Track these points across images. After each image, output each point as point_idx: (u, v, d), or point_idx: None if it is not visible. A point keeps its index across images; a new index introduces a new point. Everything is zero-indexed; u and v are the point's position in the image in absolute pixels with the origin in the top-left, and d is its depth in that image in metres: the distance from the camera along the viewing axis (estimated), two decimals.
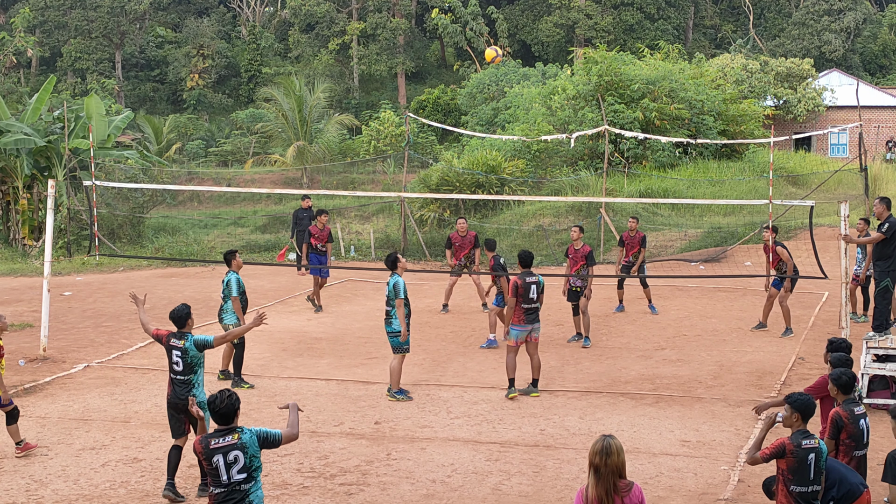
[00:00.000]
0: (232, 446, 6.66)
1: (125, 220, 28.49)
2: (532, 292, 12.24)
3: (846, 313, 12.53)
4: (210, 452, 6.66)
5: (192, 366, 9.19)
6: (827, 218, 24.92)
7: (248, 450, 6.69)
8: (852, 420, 7.51)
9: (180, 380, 9.23)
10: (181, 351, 9.20)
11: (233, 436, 6.69)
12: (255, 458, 6.71)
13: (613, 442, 6.13)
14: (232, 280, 12.97)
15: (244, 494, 6.69)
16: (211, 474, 6.69)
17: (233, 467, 6.63)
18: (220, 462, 6.64)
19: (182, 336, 9.31)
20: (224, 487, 6.67)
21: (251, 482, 6.70)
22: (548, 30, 58.40)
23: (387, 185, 36.42)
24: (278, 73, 56.49)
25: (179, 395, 9.21)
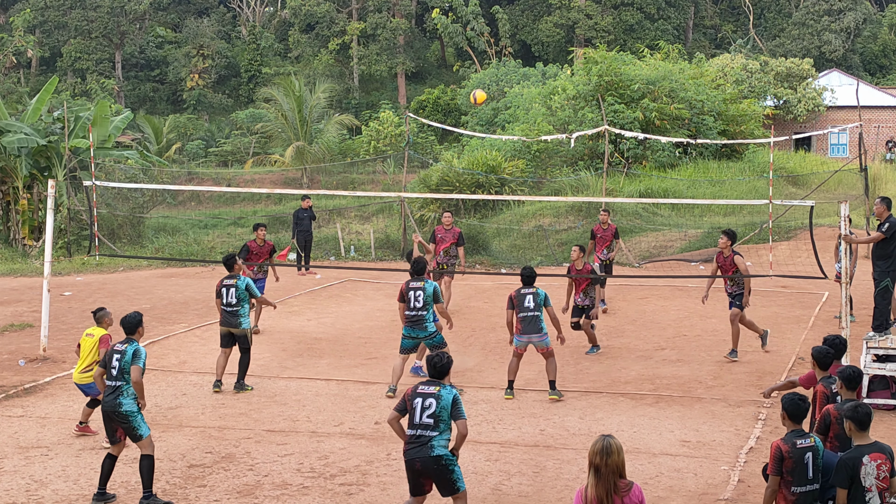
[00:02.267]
0: (431, 394, 7.83)
1: (125, 220, 28.49)
2: (528, 301, 12.18)
3: (846, 313, 12.52)
4: (414, 395, 7.90)
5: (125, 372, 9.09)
6: (827, 218, 24.91)
7: (442, 401, 7.81)
8: (840, 420, 7.49)
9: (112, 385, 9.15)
10: (120, 354, 9.13)
11: (435, 387, 7.87)
12: (445, 412, 7.78)
13: (613, 442, 6.13)
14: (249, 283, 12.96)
15: (429, 440, 7.79)
16: (410, 414, 7.88)
17: (425, 412, 7.78)
18: (417, 404, 7.83)
19: (127, 341, 9.24)
20: (413, 429, 7.83)
21: (436, 431, 7.77)
22: (548, 30, 58.41)
23: (387, 185, 36.43)
24: (278, 73, 56.51)
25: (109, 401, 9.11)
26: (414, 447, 7.83)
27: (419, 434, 7.81)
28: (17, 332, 16.73)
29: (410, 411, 7.89)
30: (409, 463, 7.89)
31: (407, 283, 12.52)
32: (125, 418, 8.98)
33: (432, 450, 7.78)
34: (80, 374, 10.78)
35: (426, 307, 12.26)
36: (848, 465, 6.74)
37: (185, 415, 11.85)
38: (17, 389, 13.00)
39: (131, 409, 8.99)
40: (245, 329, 12.88)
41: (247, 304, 12.80)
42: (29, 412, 12.06)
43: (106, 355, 9.20)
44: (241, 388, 12.82)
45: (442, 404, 7.80)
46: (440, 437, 7.81)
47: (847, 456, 6.80)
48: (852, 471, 6.73)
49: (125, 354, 9.06)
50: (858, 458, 6.76)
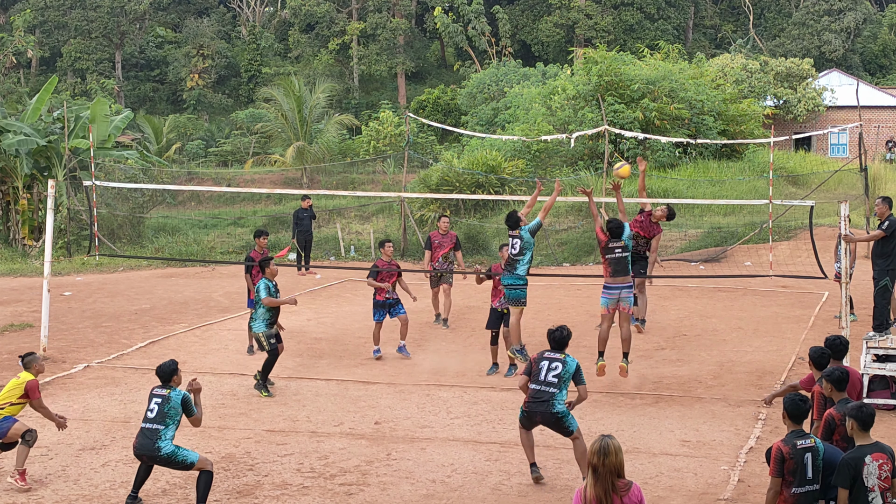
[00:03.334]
0: (558, 359, 9.29)
1: (125, 220, 28.49)
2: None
3: (846, 313, 12.52)
4: (541, 358, 9.32)
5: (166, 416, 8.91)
6: (827, 218, 24.90)
7: (567, 366, 9.24)
8: (844, 421, 7.48)
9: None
10: (162, 399, 8.94)
11: (561, 354, 9.32)
12: (567, 375, 9.22)
13: (612, 442, 6.13)
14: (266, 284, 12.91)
15: (550, 396, 9.14)
16: (535, 373, 9.25)
17: (551, 372, 9.21)
18: (544, 366, 9.25)
19: (168, 387, 9.07)
20: (538, 384, 9.21)
21: (557, 389, 9.16)
22: (548, 30, 58.38)
23: (387, 185, 36.41)
24: (278, 73, 56.49)
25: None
26: (536, 402, 9.20)
27: (541, 390, 9.18)
28: (17, 332, 16.74)
29: (536, 371, 9.26)
30: (531, 414, 9.27)
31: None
32: (168, 460, 8.81)
33: (553, 407, 9.15)
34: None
35: (522, 252, 12.63)
36: (850, 465, 6.74)
37: None
38: None
39: (172, 450, 8.82)
40: (256, 333, 12.97)
41: (261, 307, 12.87)
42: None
43: (149, 397, 9.00)
44: (262, 389, 12.78)
45: (567, 368, 9.25)
46: (560, 395, 9.19)
47: (849, 456, 6.80)
48: (855, 471, 6.73)
49: (169, 401, 8.87)
50: (861, 458, 6.76)
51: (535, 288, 17.18)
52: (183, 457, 8.84)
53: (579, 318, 17.02)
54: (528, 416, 9.32)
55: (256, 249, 15.51)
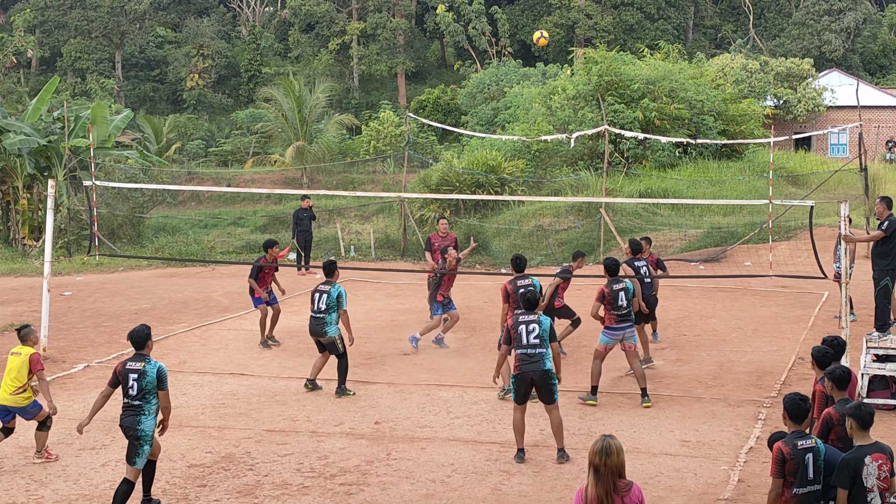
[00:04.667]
0: (533, 321, 9.82)
1: (125, 220, 28.49)
2: (621, 299, 11.96)
3: (846, 313, 12.52)
4: (517, 324, 9.80)
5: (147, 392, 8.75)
6: (827, 218, 24.90)
7: (543, 325, 9.81)
8: (842, 421, 7.48)
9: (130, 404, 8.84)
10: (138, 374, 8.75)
11: (534, 315, 9.89)
12: (546, 334, 9.77)
13: (613, 442, 6.13)
14: (342, 293, 12.65)
15: (540, 356, 9.75)
16: (516, 340, 9.79)
17: (531, 334, 9.74)
18: (522, 330, 9.78)
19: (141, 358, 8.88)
20: (523, 349, 9.75)
21: (543, 348, 9.74)
22: (548, 30, 58.38)
23: (387, 185, 36.40)
24: (278, 73, 56.48)
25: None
26: (527, 363, 9.75)
27: (530, 352, 9.74)
28: None
29: (517, 337, 9.77)
30: (524, 375, 9.76)
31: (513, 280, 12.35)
32: (138, 439, 8.67)
33: (544, 364, 9.74)
34: (12, 395, 10.05)
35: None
36: (850, 465, 6.74)
37: (185, 415, 11.84)
38: None
39: (147, 433, 8.68)
40: (332, 337, 12.60)
41: (335, 312, 12.47)
42: None
43: (118, 374, 8.78)
44: (342, 393, 12.63)
45: (543, 328, 9.78)
46: (547, 353, 9.75)
47: (849, 456, 6.79)
48: (854, 471, 6.72)
49: (146, 375, 8.67)
50: (860, 458, 6.75)
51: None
52: (142, 452, 8.69)
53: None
54: (520, 379, 9.77)
55: (267, 258, 15.39)
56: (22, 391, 10.04)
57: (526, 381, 9.81)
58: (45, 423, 10.14)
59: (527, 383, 9.82)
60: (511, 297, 12.05)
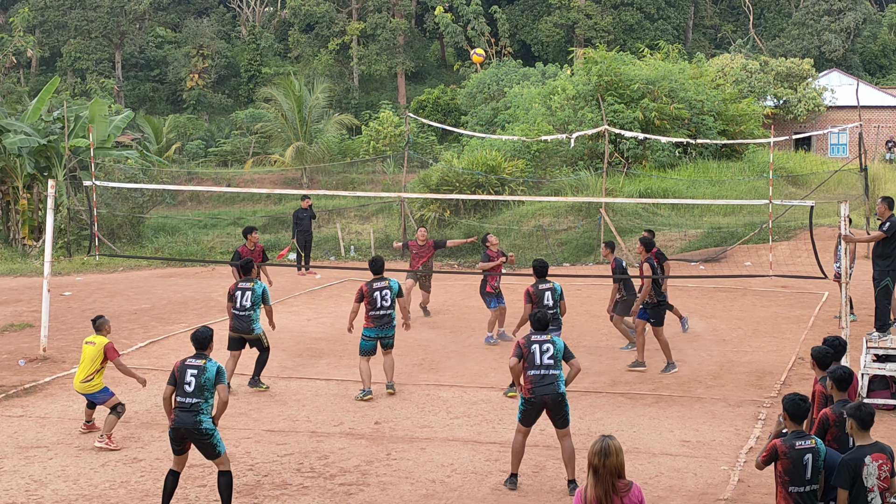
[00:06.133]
0: (546, 341, 9.32)
1: (125, 220, 28.48)
2: (546, 299, 12.20)
3: (846, 313, 12.52)
4: (529, 342, 9.32)
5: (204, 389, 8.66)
6: (827, 218, 24.91)
7: (557, 346, 9.30)
8: (839, 423, 7.49)
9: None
10: (198, 370, 8.66)
11: (547, 335, 9.38)
12: (560, 353, 9.28)
13: (612, 443, 6.13)
14: (265, 289, 12.88)
15: (554, 378, 9.22)
16: (529, 360, 9.25)
17: (545, 354, 9.23)
18: (535, 349, 9.26)
19: (202, 356, 8.80)
20: (537, 370, 9.22)
21: (557, 370, 9.24)
22: (548, 30, 58.38)
23: (386, 185, 36.39)
24: (278, 73, 56.46)
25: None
26: (541, 385, 9.20)
27: (544, 374, 9.22)
28: (16, 332, 16.74)
29: (529, 356, 9.26)
30: (538, 398, 9.21)
31: (370, 283, 12.53)
32: (206, 436, 8.57)
33: (559, 388, 9.23)
34: (82, 383, 10.61)
35: (393, 305, 12.51)
36: (850, 465, 6.74)
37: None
38: (17, 389, 13.01)
39: (211, 427, 8.61)
40: (258, 334, 12.81)
41: (259, 308, 12.74)
42: (29, 412, 12.07)
43: (176, 371, 8.67)
44: (256, 385, 12.92)
45: (557, 348, 9.32)
46: (561, 375, 9.29)
47: (849, 456, 6.79)
48: (854, 471, 6.72)
49: (205, 371, 8.58)
50: (861, 458, 6.75)
51: None
52: (217, 440, 8.68)
53: (579, 318, 17.03)
54: (534, 404, 9.21)
55: (247, 245, 15.43)
56: (90, 379, 10.52)
57: (539, 405, 9.25)
58: (115, 408, 10.55)
59: (539, 407, 9.26)
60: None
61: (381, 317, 12.46)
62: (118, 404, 10.62)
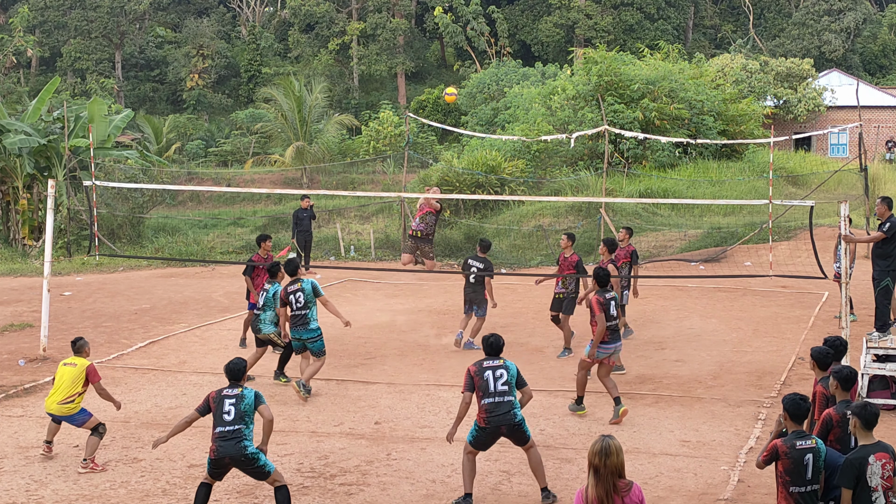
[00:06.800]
0: (499, 366, 8.93)
1: (125, 220, 28.48)
2: (612, 309, 11.47)
3: (846, 313, 12.52)
4: (481, 370, 8.89)
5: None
6: (827, 218, 24.91)
7: (510, 372, 8.93)
8: (842, 423, 7.49)
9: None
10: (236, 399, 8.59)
11: (499, 360, 9.00)
12: (513, 380, 8.90)
13: (613, 442, 6.13)
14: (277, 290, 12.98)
15: (510, 405, 8.83)
16: (482, 388, 8.84)
17: (498, 381, 8.84)
18: (489, 376, 8.85)
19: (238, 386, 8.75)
20: (491, 397, 8.81)
21: (512, 396, 8.85)
22: (548, 30, 58.40)
23: (386, 186, 36.40)
24: (278, 73, 56.48)
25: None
26: (497, 415, 8.80)
27: (499, 401, 8.82)
28: (16, 332, 16.74)
29: (483, 384, 8.86)
30: (494, 428, 8.83)
31: (286, 286, 12.68)
32: (252, 461, 8.44)
33: (515, 416, 8.85)
34: (60, 404, 10.10)
35: (307, 306, 12.47)
36: (854, 465, 6.73)
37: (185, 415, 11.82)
38: (17, 389, 13.02)
39: (255, 450, 8.49)
40: (267, 334, 13.14)
41: (271, 310, 12.98)
42: (29, 412, 12.07)
43: (212, 402, 8.59)
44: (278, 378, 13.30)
45: (511, 373, 8.94)
46: (516, 402, 8.90)
47: (853, 456, 6.79)
48: (859, 471, 6.72)
49: (244, 399, 8.50)
50: (864, 457, 6.75)
51: (535, 287, 17.18)
52: (264, 462, 8.53)
53: (579, 318, 16.99)
54: (489, 432, 8.85)
55: (260, 253, 15.18)
56: (70, 401, 10.10)
57: (495, 434, 8.89)
58: (96, 429, 10.15)
59: (494, 435, 8.91)
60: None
61: (296, 318, 12.58)
62: (99, 424, 10.17)
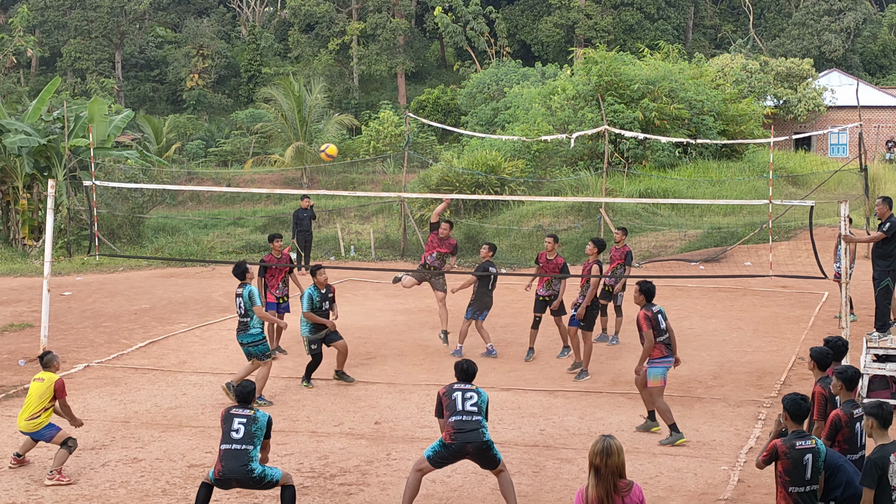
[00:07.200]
0: (470, 390, 8.74)
1: (125, 220, 28.47)
2: (661, 322, 10.78)
3: (846, 313, 12.51)
4: (451, 390, 8.69)
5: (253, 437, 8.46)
6: (827, 218, 24.91)
7: (481, 398, 8.73)
8: (850, 423, 7.49)
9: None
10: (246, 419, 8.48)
11: (472, 386, 8.80)
12: (484, 405, 8.70)
13: (613, 442, 6.14)
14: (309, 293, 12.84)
15: (478, 424, 8.56)
16: (449, 407, 8.60)
17: (467, 401, 8.62)
18: (457, 396, 8.64)
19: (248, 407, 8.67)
20: (459, 415, 8.55)
21: (480, 416, 8.61)
22: (548, 30, 58.41)
23: (387, 185, 36.40)
24: (278, 73, 56.49)
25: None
26: (463, 432, 8.50)
27: (466, 419, 8.55)
28: (16, 332, 16.74)
29: (450, 403, 8.63)
30: (460, 446, 8.51)
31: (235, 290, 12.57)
32: (259, 481, 8.39)
33: (483, 435, 8.55)
34: (27, 421, 9.90)
35: (248, 313, 12.25)
36: (877, 464, 6.69)
37: (185, 415, 11.84)
38: (17, 389, 13.02)
39: (261, 470, 8.41)
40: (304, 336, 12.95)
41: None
42: None
43: (222, 420, 8.50)
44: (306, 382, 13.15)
45: (482, 398, 8.73)
46: (484, 422, 8.64)
47: (875, 456, 6.75)
48: (881, 470, 6.68)
49: (256, 421, 8.43)
50: (886, 456, 6.70)
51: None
52: (270, 476, 8.43)
53: None
54: (455, 451, 8.54)
55: (273, 253, 14.99)
56: (36, 416, 9.89)
57: (461, 453, 8.56)
58: (65, 442, 9.89)
59: (458, 454, 8.58)
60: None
61: (239, 323, 12.37)
62: (69, 438, 9.88)
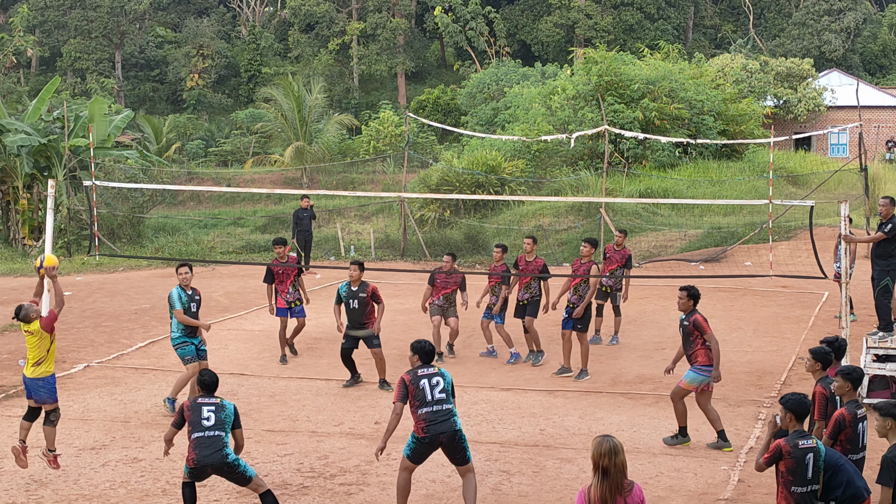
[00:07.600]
0: (434, 374, 8.49)
1: (125, 220, 28.48)
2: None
3: (846, 313, 12.51)
4: (416, 378, 8.43)
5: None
6: (827, 218, 24.92)
7: (446, 379, 8.51)
8: (853, 423, 7.50)
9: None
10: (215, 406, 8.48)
11: (434, 368, 8.54)
12: (450, 387, 8.49)
13: (617, 441, 6.15)
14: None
15: (448, 412, 8.39)
16: (418, 397, 8.36)
17: (435, 388, 8.38)
18: (425, 384, 8.40)
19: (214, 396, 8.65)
20: (429, 406, 8.35)
21: (450, 404, 8.42)
22: (548, 30, 58.42)
23: (387, 185, 36.40)
24: (278, 73, 56.47)
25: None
26: (436, 423, 8.34)
27: (437, 409, 8.37)
28: (17, 331, 16.72)
29: (418, 392, 8.38)
30: (432, 438, 8.35)
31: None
32: (234, 467, 8.36)
33: (454, 424, 8.40)
34: (34, 366, 9.93)
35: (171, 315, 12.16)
36: (894, 462, 6.74)
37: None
38: (17, 389, 13.03)
39: (234, 457, 8.42)
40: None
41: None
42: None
43: (187, 410, 8.43)
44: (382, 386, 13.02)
45: (447, 380, 8.53)
46: (454, 409, 8.47)
47: (891, 454, 6.79)
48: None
49: (224, 408, 8.43)
50: None
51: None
52: (244, 466, 8.48)
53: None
54: (427, 443, 8.39)
55: (278, 258, 14.82)
56: (41, 361, 9.90)
57: (433, 445, 8.41)
58: (49, 416, 9.92)
59: (433, 446, 8.43)
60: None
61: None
62: (53, 411, 9.90)
